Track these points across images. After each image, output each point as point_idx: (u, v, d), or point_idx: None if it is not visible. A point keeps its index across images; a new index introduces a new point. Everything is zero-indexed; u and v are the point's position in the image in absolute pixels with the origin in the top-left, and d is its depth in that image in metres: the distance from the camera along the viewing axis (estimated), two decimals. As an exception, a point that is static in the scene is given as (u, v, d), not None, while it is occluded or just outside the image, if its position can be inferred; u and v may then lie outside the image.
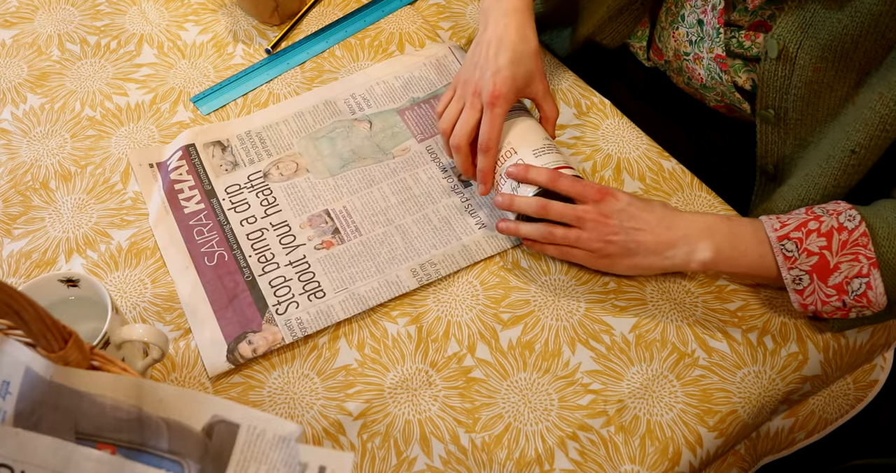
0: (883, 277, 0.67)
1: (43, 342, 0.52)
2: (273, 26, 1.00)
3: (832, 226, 0.68)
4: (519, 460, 0.71)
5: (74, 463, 0.52)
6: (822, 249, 0.68)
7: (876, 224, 0.68)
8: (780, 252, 0.70)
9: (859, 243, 0.67)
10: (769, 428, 0.80)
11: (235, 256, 0.82)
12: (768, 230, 0.71)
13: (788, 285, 0.70)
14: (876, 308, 0.68)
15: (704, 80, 0.84)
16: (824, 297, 0.69)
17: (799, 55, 0.72)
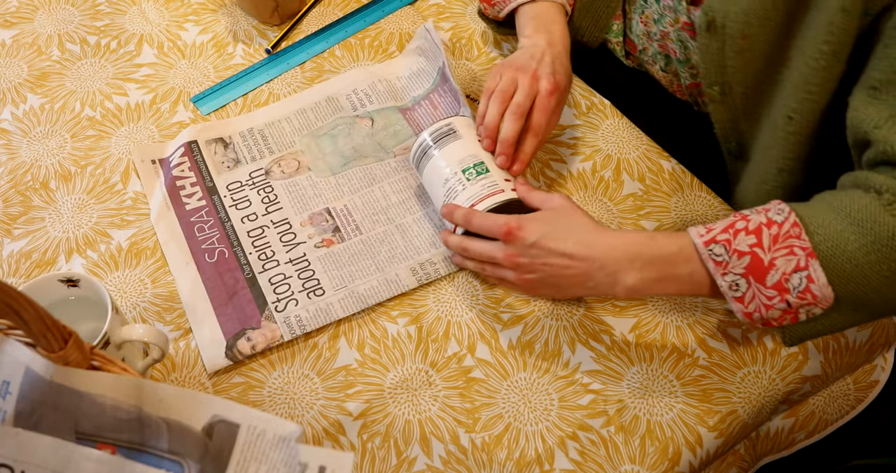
0: (823, 266, 0.61)
1: (43, 342, 0.52)
2: (273, 26, 1.00)
3: (760, 222, 0.64)
4: (519, 460, 0.71)
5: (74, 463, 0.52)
6: (752, 247, 0.63)
7: (807, 214, 0.63)
8: (710, 258, 0.64)
9: (791, 235, 0.63)
10: (769, 428, 0.80)
11: (236, 253, 0.82)
12: (694, 237, 0.66)
13: (726, 294, 0.65)
14: (823, 303, 0.62)
15: (678, 54, 0.85)
16: (766, 300, 0.63)
17: (726, 25, 0.72)
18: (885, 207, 0.61)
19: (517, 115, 0.78)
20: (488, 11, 0.92)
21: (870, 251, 0.61)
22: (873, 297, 0.62)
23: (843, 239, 0.61)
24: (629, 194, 0.85)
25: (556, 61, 0.81)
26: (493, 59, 0.96)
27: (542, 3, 0.86)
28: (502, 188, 0.77)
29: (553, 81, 0.79)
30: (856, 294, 0.62)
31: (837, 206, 0.63)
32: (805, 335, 0.66)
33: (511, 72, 0.80)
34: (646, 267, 0.67)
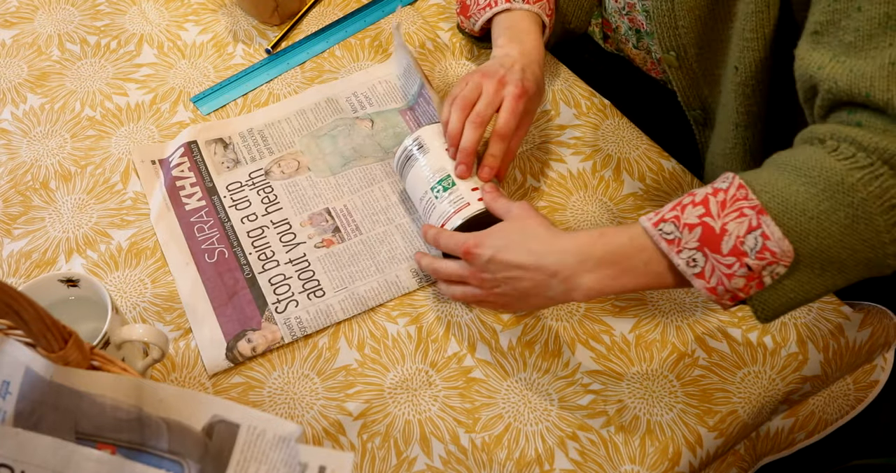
0: (776, 220, 0.59)
1: (43, 342, 0.52)
2: (273, 26, 1.00)
3: (706, 192, 0.62)
4: (519, 460, 0.71)
5: (74, 463, 0.52)
6: (701, 217, 0.61)
7: (753, 175, 0.62)
8: (661, 238, 0.62)
9: (738, 197, 0.60)
10: (769, 428, 0.80)
11: (236, 253, 0.82)
12: (643, 222, 0.64)
13: (685, 272, 0.62)
14: (784, 258, 0.59)
15: (645, 26, 0.85)
16: (726, 269, 0.60)
17: None
18: (830, 154, 0.59)
19: (476, 124, 0.77)
20: (465, 24, 0.91)
21: (822, 200, 0.58)
22: (838, 252, 0.59)
23: (792, 192, 0.59)
24: (629, 194, 0.85)
25: (526, 69, 0.80)
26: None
27: (517, 12, 0.85)
28: (468, 201, 0.76)
29: (521, 86, 0.78)
30: (819, 249, 0.59)
31: (782, 163, 0.61)
32: (778, 305, 0.62)
33: (477, 77, 0.79)
34: (599, 265, 0.65)
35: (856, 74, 0.58)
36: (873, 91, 0.58)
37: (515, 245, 0.69)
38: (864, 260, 0.60)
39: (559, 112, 0.91)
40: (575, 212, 0.84)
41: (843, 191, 0.58)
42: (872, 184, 0.57)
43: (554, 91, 0.93)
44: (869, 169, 0.58)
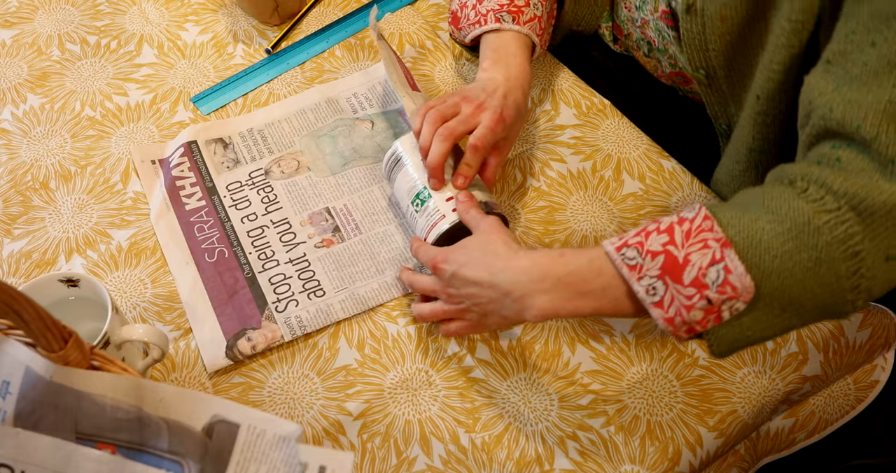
0: (739, 255, 0.58)
1: (43, 342, 0.52)
2: (273, 26, 1.00)
3: (672, 221, 0.62)
4: (519, 460, 0.71)
5: (74, 463, 0.52)
6: (665, 245, 0.60)
7: (721, 208, 0.61)
8: (623, 263, 0.61)
9: (703, 228, 0.59)
10: (769, 428, 0.80)
11: (236, 253, 0.82)
12: (606, 246, 0.63)
13: (644, 300, 0.60)
14: (744, 294, 0.58)
15: (657, 43, 0.85)
16: (685, 301, 0.59)
17: (705, 6, 0.72)
18: (799, 194, 0.58)
19: (444, 137, 0.75)
20: (455, 35, 0.91)
21: (787, 239, 0.57)
22: (799, 293, 0.58)
23: (758, 229, 0.58)
24: (629, 194, 0.85)
25: (508, 96, 0.79)
26: (493, 58, 0.96)
27: (506, 33, 0.83)
28: (444, 213, 0.76)
29: (500, 113, 0.77)
30: (780, 289, 0.58)
31: (750, 200, 0.61)
32: (734, 341, 0.61)
33: (457, 98, 0.79)
34: (555, 286, 0.64)
35: (852, 105, 0.58)
36: (865, 124, 0.57)
37: (476, 261, 0.68)
38: (822, 305, 0.59)
39: (559, 112, 0.91)
40: (575, 211, 0.84)
41: (809, 232, 0.57)
42: (838, 229, 0.57)
43: (554, 91, 0.93)
44: (836, 213, 0.57)
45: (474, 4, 0.86)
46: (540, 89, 0.93)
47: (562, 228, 0.83)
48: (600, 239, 0.82)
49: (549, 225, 0.84)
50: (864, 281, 0.58)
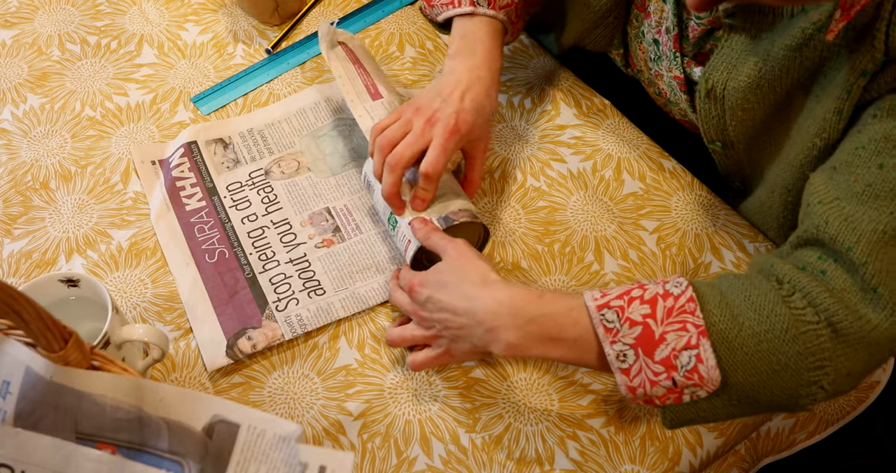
0: (714, 347, 0.59)
1: (43, 342, 0.52)
2: (273, 26, 1.00)
3: (657, 292, 0.61)
4: (519, 460, 0.71)
5: (74, 463, 0.52)
6: (645, 318, 0.60)
7: (706, 292, 0.61)
8: (601, 323, 0.61)
9: (686, 310, 0.60)
10: (769, 429, 0.80)
11: (236, 253, 0.82)
12: (588, 300, 0.62)
13: (612, 364, 0.61)
14: (709, 385, 0.59)
15: (668, 95, 0.84)
16: (652, 376, 0.60)
17: (726, 96, 0.72)
18: (784, 298, 0.60)
19: (391, 167, 0.74)
20: (427, 12, 0.87)
21: (762, 340, 0.59)
22: (758, 390, 0.60)
23: (738, 324, 0.59)
24: (629, 193, 0.85)
25: (465, 95, 0.76)
26: (494, 59, 0.96)
27: (478, 19, 0.81)
28: (409, 239, 0.75)
29: (451, 125, 0.74)
30: (743, 385, 0.60)
31: (738, 290, 0.61)
32: (687, 420, 0.63)
33: (409, 113, 0.76)
34: (529, 324, 0.63)
35: (848, 226, 0.59)
36: (856, 248, 0.58)
37: (451, 286, 0.68)
38: (775, 404, 0.62)
39: (559, 112, 0.91)
40: (575, 211, 0.84)
41: (787, 339, 0.59)
42: (812, 342, 0.58)
43: (554, 91, 0.93)
44: (814, 326, 0.58)
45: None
46: (540, 89, 0.93)
47: (562, 228, 0.83)
48: (600, 239, 0.82)
49: (549, 225, 0.84)
50: (821, 393, 0.60)
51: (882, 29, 0.58)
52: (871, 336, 0.58)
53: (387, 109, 0.82)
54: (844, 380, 0.60)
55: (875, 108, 0.61)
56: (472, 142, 0.78)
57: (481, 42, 0.80)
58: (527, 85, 0.94)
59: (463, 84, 0.77)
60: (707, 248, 0.82)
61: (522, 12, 0.86)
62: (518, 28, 0.86)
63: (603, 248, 0.82)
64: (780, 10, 0.64)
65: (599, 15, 0.81)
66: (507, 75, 0.95)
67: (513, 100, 0.93)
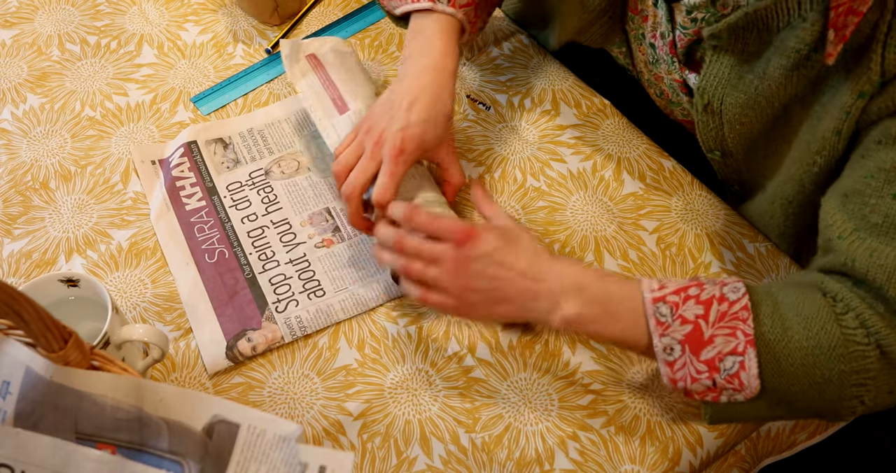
0: (759, 357, 0.60)
1: (43, 342, 0.52)
2: (273, 26, 1.00)
3: (713, 294, 0.62)
4: (519, 460, 0.71)
5: (74, 463, 0.52)
6: (698, 318, 0.62)
7: (762, 300, 0.62)
8: (654, 315, 0.62)
9: (739, 317, 0.61)
10: (770, 429, 0.79)
11: (236, 253, 0.82)
12: (645, 291, 0.64)
13: (658, 355, 0.63)
14: (748, 392, 0.61)
15: (671, 96, 0.83)
16: (695, 373, 0.62)
17: (723, 110, 0.72)
18: (837, 316, 0.60)
19: (347, 196, 0.74)
20: (385, 4, 0.85)
21: (808, 354, 0.60)
22: (797, 397, 0.62)
23: (787, 337, 0.60)
24: (630, 193, 0.85)
25: (413, 106, 0.74)
26: (494, 58, 0.96)
27: (436, 15, 0.79)
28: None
29: (398, 144, 0.72)
30: (783, 390, 0.61)
31: (793, 302, 0.62)
32: (730, 418, 0.65)
33: (362, 133, 0.75)
34: (590, 302, 0.65)
35: (875, 262, 0.59)
36: (889, 286, 0.59)
37: (515, 249, 0.67)
38: (816, 412, 0.64)
39: (559, 112, 0.91)
40: (575, 211, 0.84)
41: (833, 357, 0.60)
42: (858, 362, 0.59)
43: (554, 91, 0.93)
44: (863, 347, 0.59)
45: None
46: (540, 89, 0.93)
47: (562, 228, 0.83)
48: (600, 239, 0.82)
49: (549, 225, 0.84)
50: (862, 407, 0.61)
51: (878, 50, 0.57)
52: None
53: (353, 122, 0.80)
54: (886, 397, 0.61)
55: (879, 134, 0.60)
56: (430, 152, 0.77)
57: (437, 40, 0.78)
58: (527, 85, 0.94)
59: (411, 94, 0.75)
60: (707, 248, 0.82)
61: (482, 12, 0.85)
62: (477, 27, 0.85)
63: (603, 248, 0.82)
64: (766, 27, 0.64)
65: (594, 14, 0.81)
66: (506, 75, 0.95)
67: (513, 100, 0.93)
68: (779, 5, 0.62)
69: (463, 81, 0.94)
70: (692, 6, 0.69)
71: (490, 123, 0.91)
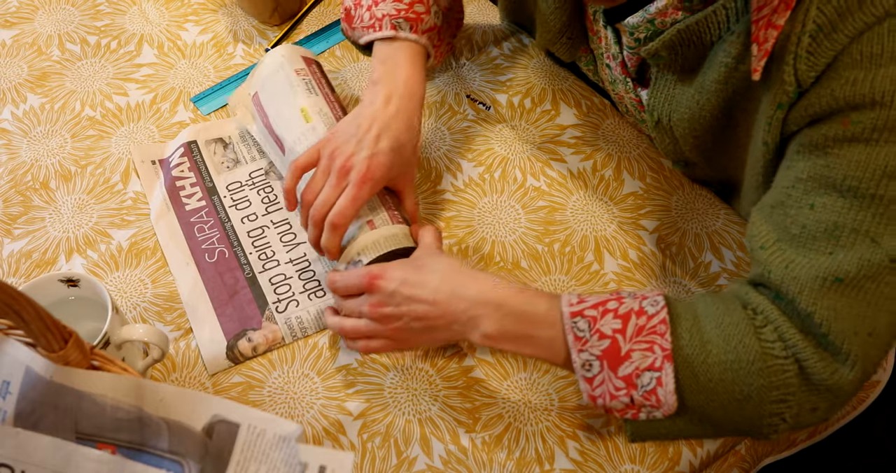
0: (676, 373, 0.59)
1: (43, 342, 0.52)
2: (273, 26, 1.00)
3: (632, 308, 0.61)
4: (519, 460, 0.71)
5: (74, 463, 0.52)
6: (615, 332, 0.61)
7: (682, 313, 0.61)
8: (572, 330, 0.61)
9: (656, 331, 0.60)
10: (770, 428, 0.80)
11: (236, 253, 0.82)
12: (563, 305, 0.63)
13: (577, 371, 0.62)
14: (666, 409, 0.60)
15: (634, 114, 0.84)
16: (613, 390, 0.61)
17: (673, 126, 0.72)
18: (756, 330, 0.59)
19: (314, 221, 0.73)
20: (348, 33, 0.86)
21: (727, 369, 0.59)
22: (718, 414, 0.60)
23: (706, 351, 0.59)
24: (630, 193, 0.85)
25: (382, 134, 0.73)
26: (494, 58, 0.96)
27: (399, 43, 0.79)
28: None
29: (364, 171, 0.72)
30: (703, 406, 0.60)
31: (714, 315, 0.61)
32: (651, 436, 0.64)
33: (326, 158, 0.74)
34: (508, 317, 0.64)
35: (789, 274, 0.59)
36: (800, 299, 0.58)
37: (422, 277, 0.66)
38: (737, 430, 0.63)
39: (559, 112, 0.91)
40: (575, 211, 0.84)
41: (752, 371, 0.59)
42: (777, 376, 0.58)
43: (554, 91, 0.93)
44: (781, 360, 0.58)
45: (370, 5, 0.80)
46: (540, 89, 0.93)
47: (562, 228, 0.83)
48: (600, 239, 0.82)
49: (549, 225, 0.84)
50: (784, 425, 0.60)
51: (790, 62, 0.57)
52: (832, 379, 0.58)
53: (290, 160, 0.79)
54: (809, 415, 0.60)
55: (797, 144, 0.60)
56: (393, 180, 0.76)
57: (403, 68, 0.78)
58: (527, 85, 0.94)
59: (381, 121, 0.74)
60: (707, 248, 0.82)
61: (445, 35, 0.85)
62: (441, 52, 0.84)
63: (603, 248, 0.82)
64: (700, 42, 0.65)
65: (553, 34, 0.81)
66: (507, 75, 0.95)
67: (513, 100, 0.93)
68: (709, 20, 0.62)
69: (463, 81, 0.94)
70: (633, 27, 0.70)
71: (490, 123, 0.91)
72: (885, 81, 0.53)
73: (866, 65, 0.54)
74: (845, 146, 0.56)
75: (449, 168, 0.88)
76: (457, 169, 0.88)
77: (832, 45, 0.55)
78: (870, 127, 0.54)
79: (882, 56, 0.53)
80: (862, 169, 0.55)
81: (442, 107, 0.92)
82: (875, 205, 0.55)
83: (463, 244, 0.82)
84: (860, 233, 0.56)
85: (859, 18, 0.53)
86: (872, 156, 0.55)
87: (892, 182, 0.55)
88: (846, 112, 0.55)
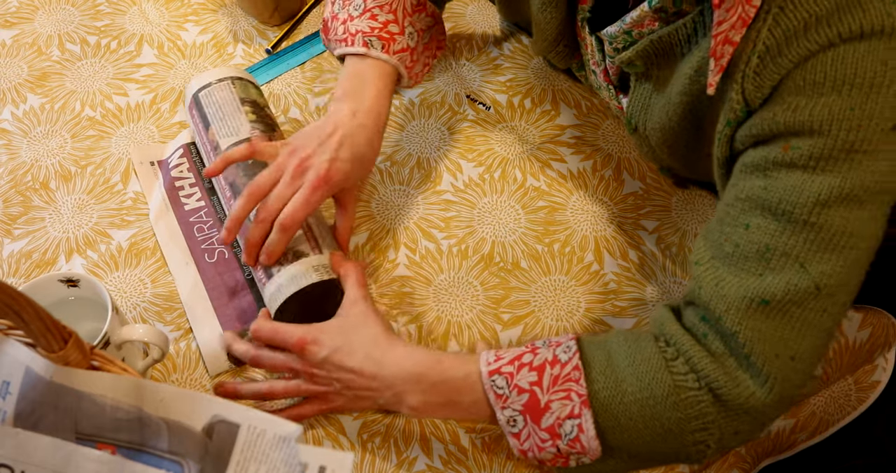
0: (595, 417, 0.60)
1: (43, 342, 0.52)
2: (273, 26, 1.00)
3: (546, 358, 0.62)
4: (519, 460, 0.71)
5: (74, 463, 0.52)
6: (532, 385, 0.61)
7: (594, 356, 0.62)
8: (491, 389, 0.62)
9: (571, 378, 0.61)
10: (770, 429, 0.79)
11: (236, 253, 0.82)
12: (482, 365, 0.64)
13: (504, 427, 0.63)
14: (591, 454, 0.61)
15: (620, 119, 0.84)
16: (539, 442, 0.61)
17: (648, 134, 0.73)
18: (667, 363, 0.60)
19: (260, 220, 0.72)
20: (325, 42, 0.85)
21: (644, 406, 0.59)
22: (644, 450, 0.61)
23: (621, 391, 0.60)
24: (630, 193, 0.85)
25: (344, 142, 0.73)
26: (494, 58, 0.96)
27: (370, 61, 0.78)
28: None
29: (322, 174, 0.71)
30: (629, 444, 0.61)
31: (625, 353, 0.61)
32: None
33: (285, 155, 0.73)
34: (430, 390, 0.65)
35: (718, 292, 0.58)
36: (726, 318, 0.58)
37: (354, 347, 0.67)
38: (665, 460, 0.64)
39: (559, 112, 0.91)
40: (575, 211, 0.84)
41: (668, 405, 0.59)
42: (693, 408, 0.59)
43: (554, 91, 0.93)
44: (695, 392, 0.58)
45: (345, 19, 0.80)
46: (540, 89, 0.93)
47: (562, 228, 0.83)
48: (600, 239, 0.82)
49: (549, 225, 0.84)
50: (708, 450, 0.60)
51: (739, 80, 0.57)
52: (748, 403, 0.58)
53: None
54: (733, 438, 0.60)
55: (741, 163, 0.60)
56: (343, 191, 0.76)
57: (371, 86, 0.77)
58: (527, 85, 0.94)
59: (344, 129, 0.74)
60: (707, 248, 0.82)
61: (420, 56, 0.84)
62: (415, 72, 0.84)
63: (603, 248, 0.82)
64: (671, 52, 0.65)
65: (549, 42, 0.81)
66: (506, 75, 0.95)
67: (513, 101, 0.93)
68: (679, 32, 0.63)
69: (463, 81, 0.94)
70: (611, 36, 0.70)
71: (490, 123, 0.91)
72: (825, 110, 0.53)
73: (808, 92, 0.54)
74: (783, 171, 0.56)
75: (449, 168, 0.88)
76: (457, 169, 0.88)
77: (777, 68, 0.55)
78: (807, 154, 0.55)
79: (824, 85, 0.53)
80: (797, 194, 0.55)
81: (442, 107, 0.92)
82: (807, 232, 0.55)
83: (463, 244, 0.82)
84: (790, 258, 0.56)
85: (804, 45, 0.53)
86: (808, 183, 0.55)
87: (824, 210, 0.55)
88: (787, 137, 0.55)
